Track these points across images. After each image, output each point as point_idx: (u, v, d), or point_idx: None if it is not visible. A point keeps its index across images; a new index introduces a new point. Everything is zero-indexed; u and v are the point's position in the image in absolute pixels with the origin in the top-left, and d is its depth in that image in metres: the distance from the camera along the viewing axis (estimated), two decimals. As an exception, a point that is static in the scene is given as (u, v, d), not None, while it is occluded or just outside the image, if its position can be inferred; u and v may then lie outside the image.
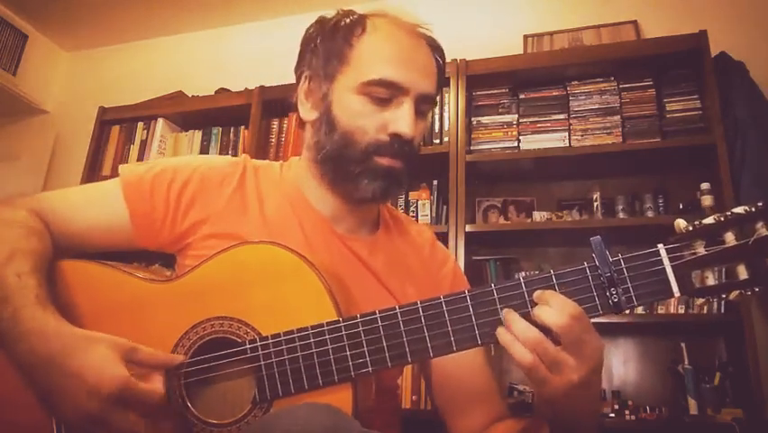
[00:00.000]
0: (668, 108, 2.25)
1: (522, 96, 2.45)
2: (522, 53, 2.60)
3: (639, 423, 1.98)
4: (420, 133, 0.96)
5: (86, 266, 0.89)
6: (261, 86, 2.74)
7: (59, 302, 0.82)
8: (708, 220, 0.70)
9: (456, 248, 2.22)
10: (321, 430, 0.62)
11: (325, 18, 0.98)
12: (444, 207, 2.42)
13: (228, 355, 0.78)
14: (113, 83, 3.42)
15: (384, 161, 0.90)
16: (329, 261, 0.90)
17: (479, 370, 0.98)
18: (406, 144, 0.90)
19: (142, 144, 2.92)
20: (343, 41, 0.93)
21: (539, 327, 0.70)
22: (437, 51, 0.98)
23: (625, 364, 2.25)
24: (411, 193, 2.46)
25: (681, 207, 2.18)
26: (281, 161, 1.07)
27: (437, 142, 2.43)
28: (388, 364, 0.75)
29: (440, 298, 0.75)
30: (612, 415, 2.01)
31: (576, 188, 2.48)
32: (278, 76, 2.64)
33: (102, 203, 0.95)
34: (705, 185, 2.07)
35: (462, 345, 0.74)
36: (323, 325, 0.76)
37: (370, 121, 0.90)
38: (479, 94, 2.52)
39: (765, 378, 1.87)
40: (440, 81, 0.99)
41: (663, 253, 0.72)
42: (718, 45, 2.24)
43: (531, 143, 2.36)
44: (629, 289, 0.72)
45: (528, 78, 2.45)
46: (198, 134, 2.89)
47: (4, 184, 3.25)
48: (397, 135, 0.89)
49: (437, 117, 2.45)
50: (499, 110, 2.47)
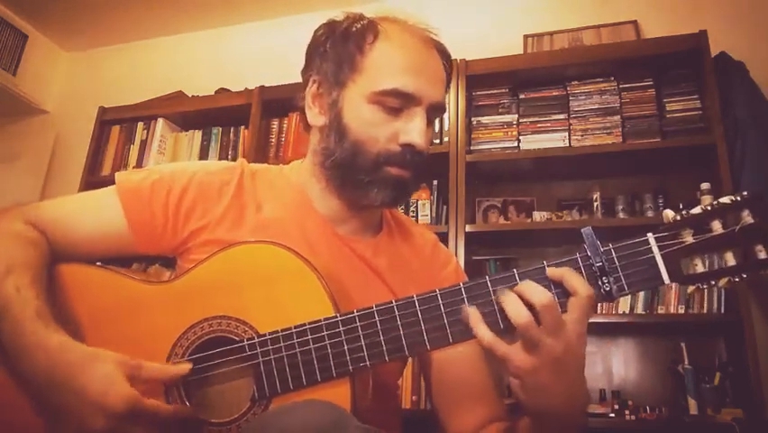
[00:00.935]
0: (668, 108, 2.25)
1: (522, 96, 2.45)
2: (522, 53, 2.60)
3: (639, 423, 1.98)
4: (430, 139, 0.96)
5: (83, 270, 0.89)
6: (261, 86, 2.75)
7: (57, 307, 0.82)
8: (696, 210, 0.72)
9: (456, 248, 2.22)
10: (320, 427, 0.62)
11: (335, 21, 0.97)
12: (444, 207, 2.42)
13: (226, 354, 0.78)
14: (113, 83, 3.42)
15: (394, 171, 0.90)
16: (331, 262, 0.90)
17: (477, 370, 0.98)
18: (417, 155, 0.90)
19: (142, 144, 2.92)
20: (355, 47, 0.91)
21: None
22: (445, 57, 0.98)
23: (625, 364, 2.25)
24: (411, 193, 2.46)
25: (681, 206, 2.17)
26: (281, 165, 1.07)
27: (437, 142, 2.43)
28: (386, 358, 0.75)
29: (436, 291, 0.75)
30: (612, 415, 2.01)
31: (576, 188, 2.48)
32: (278, 76, 2.64)
33: (100, 212, 0.94)
34: (705, 185, 2.07)
35: (459, 337, 0.74)
36: (320, 321, 0.76)
37: (381, 130, 0.90)
38: (479, 94, 2.52)
39: (765, 378, 1.87)
40: (448, 87, 1.00)
41: (653, 241, 0.73)
42: (718, 45, 2.24)
43: (531, 143, 2.36)
44: (620, 277, 0.73)
45: (528, 78, 2.45)
46: (198, 134, 2.89)
47: (4, 184, 3.26)
48: (409, 146, 0.89)
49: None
50: (499, 110, 2.47)
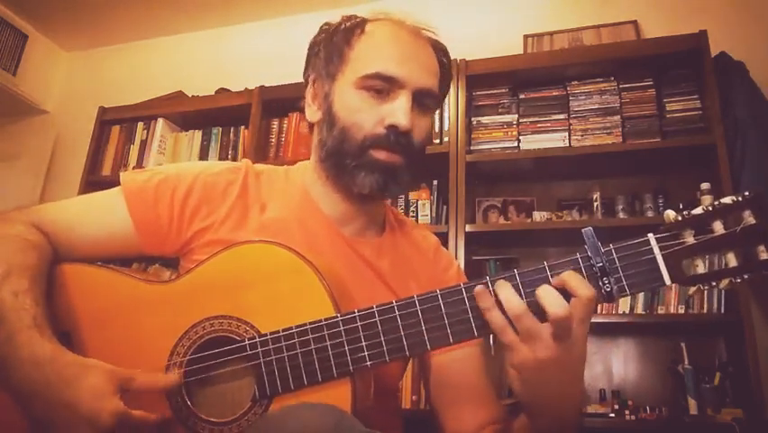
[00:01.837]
0: (668, 108, 2.25)
1: (522, 96, 2.45)
2: (522, 53, 2.60)
3: (639, 423, 1.98)
4: (423, 130, 0.96)
5: (84, 269, 0.89)
6: (261, 86, 2.74)
7: (58, 307, 0.82)
8: (697, 210, 0.71)
9: (456, 248, 2.22)
10: (323, 430, 0.62)
11: (331, 23, 1.01)
12: (444, 207, 2.42)
13: (227, 353, 0.78)
14: (113, 83, 3.42)
15: (381, 156, 0.91)
16: (333, 262, 0.90)
17: (476, 372, 0.98)
18: (402, 136, 0.90)
19: (142, 144, 2.92)
20: (344, 41, 0.95)
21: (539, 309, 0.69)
22: (441, 53, 0.99)
23: (625, 364, 2.25)
24: (411, 193, 2.46)
25: (681, 206, 2.17)
26: (286, 166, 1.07)
27: (437, 142, 2.42)
28: (386, 359, 0.75)
29: (436, 291, 0.75)
30: (612, 415, 2.01)
31: (576, 188, 2.48)
32: (278, 76, 2.65)
33: (104, 213, 0.94)
34: (705, 185, 2.07)
35: (459, 337, 0.74)
36: (321, 321, 0.76)
37: (367, 115, 0.91)
38: (479, 94, 2.52)
39: (765, 378, 1.87)
40: (444, 81, 1.00)
41: (653, 241, 0.72)
42: (718, 45, 2.24)
43: (531, 143, 2.36)
44: (621, 278, 0.72)
45: (528, 78, 2.45)
46: (198, 134, 2.89)
47: (5, 184, 3.26)
48: (392, 127, 0.90)
49: (437, 117, 2.45)
50: (499, 110, 2.47)
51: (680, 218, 0.72)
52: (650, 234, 0.73)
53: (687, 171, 2.26)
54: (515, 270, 0.74)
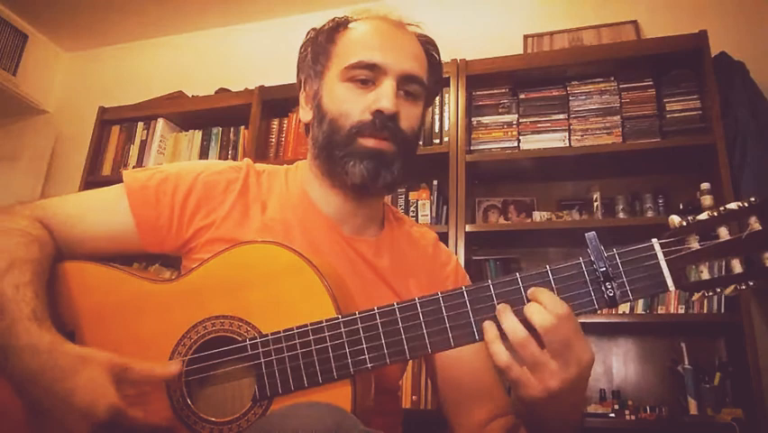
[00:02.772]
0: (668, 108, 2.25)
1: (522, 96, 2.45)
2: (522, 53, 2.61)
3: (639, 423, 1.98)
4: (412, 117, 0.96)
5: (86, 267, 0.89)
6: (261, 86, 2.74)
7: (60, 304, 0.82)
8: (702, 216, 0.70)
9: (456, 248, 2.22)
10: (323, 430, 0.62)
11: (316, 27, 1.03)
12: (444, 207, 2.42)
13: (228, 353, 0.78)
14: (113, 83, 3.42)
15: (369, 143, 0.91)
16: (333, 261, 0.90)
17: (482, 366, 0.98)
18: (388, 121, 0.91)
19: (142, 144, 2.92)
20: (327, 39, 0.99)
21: (529, 326, 0.69)
22: (428, 45, 1.01)
23: (625, 364, 2.25)
24: (411, 193, 2.46)
25: (681, 207, 2.18)
26: (286, 166, 1.08)
27: (437, 142, 2.43)
28: (387, 361, 0.75)
29: (437, 294, 0.75)
30: (612, 415, 2.01)
31: (576, 188, 2.48)
32: (278, 76, 2.64)
33: (106, 210, 0.95)
34: (705, 185, 2.07)
35: (460, 341, 0.74)
36: (322, 322, 0.76)
37: (354, 104, 0.93)
38: (479, 94, 2.52)
39: (765, 378, 1.87)
40: (434, 73, 1.01)
41: (658, 247, 0.72)
42: (718, 45, 2.24)
43: (531, 143, 2.36)
44: (624, 283, 0.72)
45: (528, 78, 2.45)
46: (198, 134, 2.89)
47: (5, 184, 3.25)
48: (378, 112, 0.91)
49: (437, 117, 2.45)
50: (499, 110, 2.47)
51: (684, 223, 0.71)
52: (654, 240, 0.72)
53: (687, 171, 2.26)
54: (516, 274, 0.73)
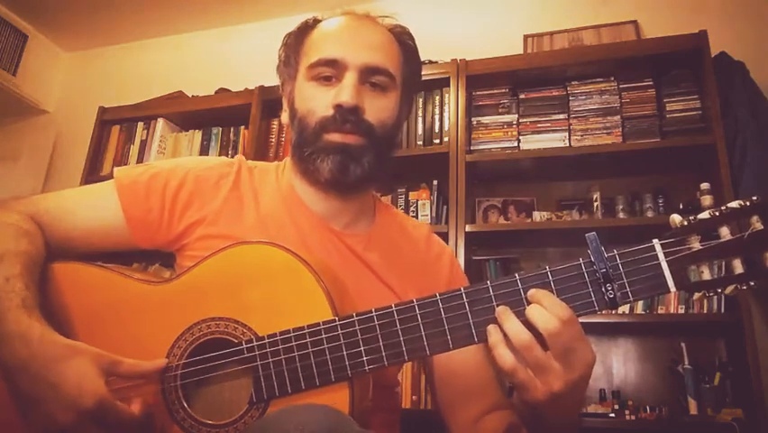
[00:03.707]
0: (668, 108, 2.25)
1: (522, 96, 2.45)
2: (522, 53, 2.60)
3: (639, 423, 1.98)
4: (380, 109, 0.94)
5: (79, 268, 0.89)
6: (261, 86, 2.74)
7: (52, 305, 0.82)
8: (704, 215, 0.70)
9: (456, 248, 2.22)
10: (320, 431, 0.62)
11: (290, 31, 1.05)
12: (444, 207, 2.42)
13: (225, 356, 0.78)
14: (113, 83, 3.42)
15: (333, 137, 0.91)
16: (325, 258, 0.90)
17: (479, 365, 0.98)
18: (350, 114, 0.91)
19: (142, 144, 2.92)
20: (296, 41, 1.01)
21: (530, 327, 0.69)
22: (403, 35, 1.01)
23: (625, 364, 2.25)
24: (411, 193, 2.46)
25: (681, 207, 2.17)
26: (276, 162, 1.08)
27: (437, 142, 2.43)
28: (385, 363, 0.74)
29: (436, 296, 0.74)
30: (612, 415, 2.01)
31: (576, 188, 2.48)
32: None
33: (97, 205, 0.95)
34: (705, 185, 2.07)
35: (459, 343, 0.73)
36: (319, 324, 0.75)
37: (318, 102, 0.93)
38: (479, 94, 2.51)
39: (765, 378, 1.86)
40: (410, 62, 1.01)
41: (659, 248, 0.71)
42: (718, 45, 2.23)
43: (531, 143, 2.36)
44: (625, 284, 0.71)
45: (528, 78, 2.45)
46: (198, 134, 2.89)
47: (5, 184, 3.25)
48: (338, 106, 0.91)
49: (437, 117, 2.45)
50: (499, 110, 2.46)
51: (686, 223, 0.71)
52: (655, 240, 0.72)
53: (687, 171, 2.26)
54: (516, 275, 0.73)
